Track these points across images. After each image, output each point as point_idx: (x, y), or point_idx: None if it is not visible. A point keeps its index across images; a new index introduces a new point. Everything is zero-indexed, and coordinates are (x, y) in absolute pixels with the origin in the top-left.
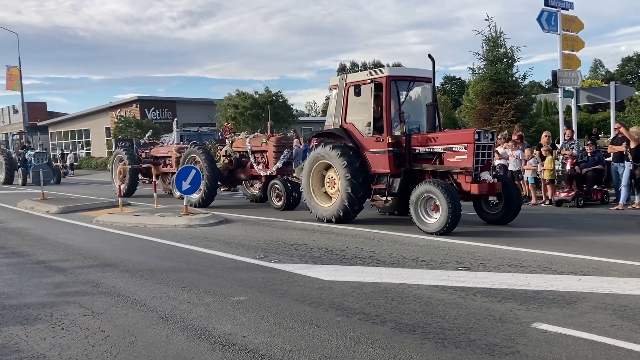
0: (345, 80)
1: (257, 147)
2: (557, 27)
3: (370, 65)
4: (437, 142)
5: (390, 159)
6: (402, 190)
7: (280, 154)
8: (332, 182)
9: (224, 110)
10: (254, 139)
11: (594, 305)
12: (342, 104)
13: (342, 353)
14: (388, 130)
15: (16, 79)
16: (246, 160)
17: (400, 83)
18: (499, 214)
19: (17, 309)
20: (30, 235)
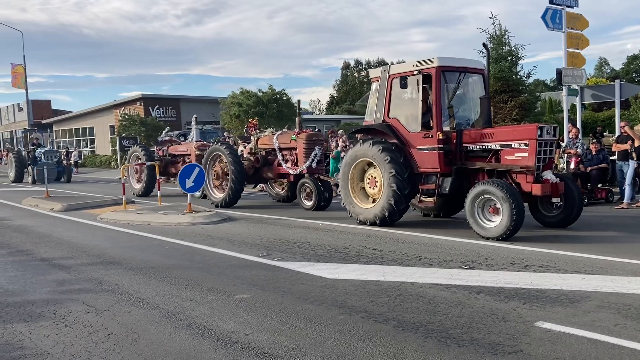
0: (389, 71)
1: (286, 144)
2: (562, 25)
3: (374, 63)
4: (494, 138)
5: (441, 157)
6: (454, 191)
7: (311, 152)
8: (373, 182)
9: (228, 108)
10: (282, 136)
11: (597, 305)
12: (384, 97)
13: (345, 351)
14: (438, 125)
15: (21, 76)
16: (273, 158)
17: (450, 74)
18: (559, 216)
19: (21, 306)
20: (34, 232)
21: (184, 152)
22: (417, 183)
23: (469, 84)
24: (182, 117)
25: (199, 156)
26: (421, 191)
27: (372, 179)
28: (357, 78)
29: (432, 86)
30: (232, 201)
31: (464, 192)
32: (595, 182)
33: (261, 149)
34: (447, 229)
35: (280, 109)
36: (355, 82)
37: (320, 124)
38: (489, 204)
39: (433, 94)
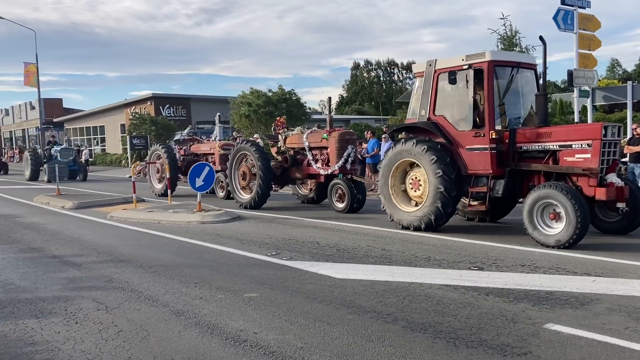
0: (435, 66)
1: (316, 143)
2: (574, 26)
3: (384, 63)
4: (552, 138)
5: (493, 158)
6: (507, 194)
7: (343, 151)
8: (417, 183)
9: (238, 108)
10: (313, 134)
11: (608, 307)
12: (430, 93)
13: (353, 351)
14: (490, 124)
15: (33, 75)
16: (302, 157)
17: (501, 69)
18: (621, 223)
19: (33, 303)
20: (46, 230)
21: (206, 151)
22: (465, 185)
23: (519, 80)
24: (192, 117)
25: (223, 156)
26: (470, 195)
27: (415, 181)
28: (367, 78)
29: (484, 82)
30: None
31: (516, 195)
32: None
33: (289, 148)
34: (457, 230)
35: (289, 109)
36: (365, 83)
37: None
38: (549, 209)
39: (485, 90)
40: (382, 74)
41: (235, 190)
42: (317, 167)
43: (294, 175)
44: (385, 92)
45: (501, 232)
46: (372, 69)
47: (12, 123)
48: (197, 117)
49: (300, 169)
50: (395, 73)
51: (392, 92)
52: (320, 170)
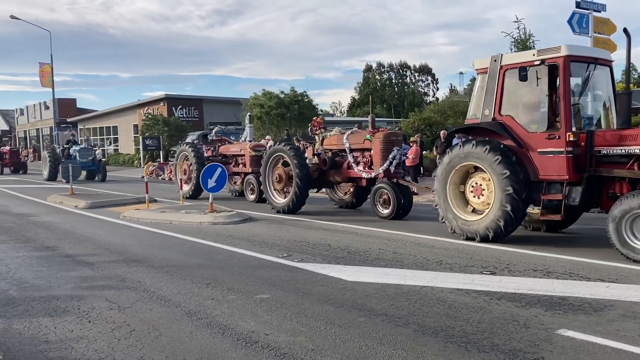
0: (501, 62)
1: (358, 144)
2: (589, 30)
3: (396, 66)
4: (638, 141)
5: (569, 162)
6: (584, 203)
7: (389, 153)
8: (479, 189)
9: (250, 109)
10: (354, 135)
11: (622, 314)
12: (495, 91)
13: (365, 354)
14: (567, 125)
15: (48, 75)
16: (341, 159)
17: (577, 65)
18: None
19: (46, 301)
20: (59, 229)
21: (236, 152)
22: (534, 192)
23: (594, 77)
24: (205, 118)
25: (254, 157)
26: (543, 203)
27: (477, 187)
28: (379, 80)
29: (560, 79)
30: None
31: (592, 204)
32: None
33: (327, 150)
34: None
35: (301, 111)
36: (377, 85)
37: (342, 126)
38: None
39: (561, 88)
40: (394, 77)
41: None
42: (359, 169)
43: (332, 179)
44: (397, 95)
45: (513, 236)
46: (385, 72)
47: (27, 123)
48: (210, 119)
49: (339, 171)
50: (408, 75)
51: (404, 95)
52: (362, 174)
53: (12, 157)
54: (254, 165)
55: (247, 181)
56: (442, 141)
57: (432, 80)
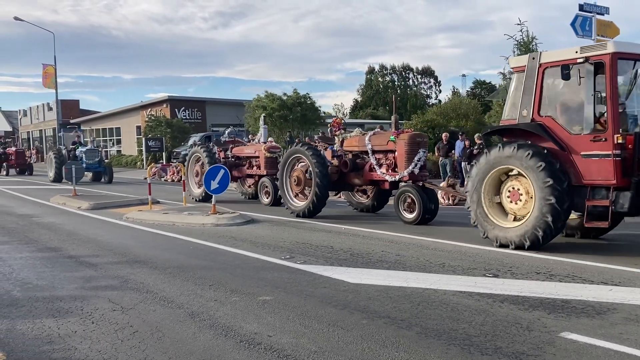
0: (540, 59)
1: (381, 145)
2: (592, 33)
3: (399, 68)
4: None
5: (617, 166)
6: (634, 210)
7: (414, 155)
8: (516, 195)
9: (253, 111)
10: (377, 136)
11: (625, 317)
12: (533, 91)
13: (368, 356)
14: (615, 126)
15: (51, 77)
16: (362, 161)
17: (624, 63)
18: None
19: (50, 302)
20: (62, 230)
21: (250, 154)
22: (576, 197)
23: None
24: (207, 119)
25: (270, 159)
26: (587, 209)
27: (514, 192)
28: (382, 83)
29: (607, 77)
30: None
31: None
32: None
33: (347, 151)
34: (471, 236)
35: (304, 113)
36: (379, 87)
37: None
38: None
39: (607, 88)
40: (397, 79)
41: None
42: (382, 172)
43: (352, 181)
44: (399, 97)
45: None
46: (387, 74)
47: (30, 124)
48: (212, 120)
49: (360, 174)
50: (410, 78)
51: (407, 97)
52: (386, 176)
53: (18, 158)
54: (269, 167)
55: (261, 184)
56: (444, 143)
57: (434, 83)
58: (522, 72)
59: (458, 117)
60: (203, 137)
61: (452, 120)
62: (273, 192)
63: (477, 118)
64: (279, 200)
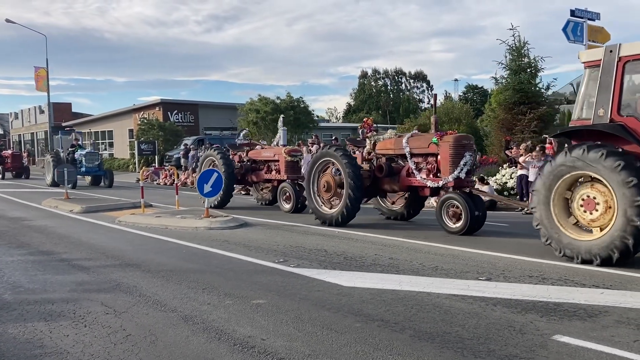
0: (619, 52)
1: (421, 148)
2: (583, 38)
3: (392, 72)
4: None
5: None
6: None
7: (459, 159)
8: (591, 203)
9: (246, 114)
10: (416, 139)
11: (616, 320)
12: (612, 87)
13: (361, 359)
14: None
15: (43, 80)
16: (398, 166)
17: None
18: None
19: (41, 305)
20: (55, 233)
21: (269, 157)
22: None
23: None
24: (200, 123)
25: (290, 163)
26: None
27: (588, 200)
28: (375, 87)
29: None
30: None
31: None
32: None
33: (380, 155)
34: (464, 240)
35: (297, 117)
36: (372, 91)
37: (337, 131)
38: None
39: None
40: (389, 83)
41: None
42: (422, 177)
43: (387, 187)
44: (392, 101)
45: (509, 242)
46: (380, 78)
47: (21, 127)
48: (205, 124)
49: (395, 179)
50: (403, 82)
51: (400, 101)
52: (427, 182)
53: (14, 162)
54: (290, 172)
55: (282, 189)
56: None
57: (427, 87)
58: (596, 67)
59: (450, 121)
60: (196, 140)
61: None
62: (294, 197)
63: (469, 122)
64: (300, 207)
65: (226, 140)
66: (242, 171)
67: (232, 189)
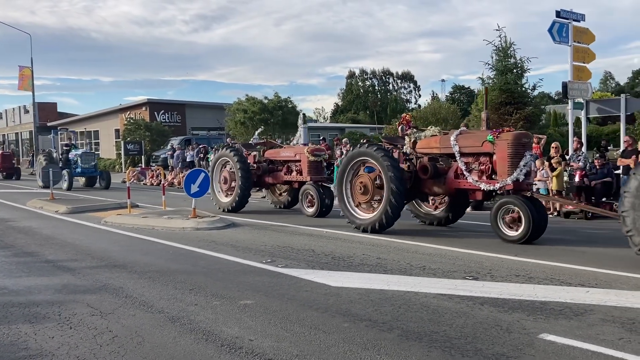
0: None
1: (474, 147)
2: (569, 39)
3: (379, 72)
4: None
5: None
6: None
7: (519, 159)
8: None
9: (233, 114)
10: (466, 136)
11: (601, 318)
12: None
13: (349, 359)
14: None
15: (28, 79)
16: (443, 166)
17: None
18: None
19: (26, 307)
20: (40, 234)
21: (289, 157)
22: None
23: None
24: (187, 123)
25: (314, 163)
26: None
27: None
28: (362, 87)
29: None
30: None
31: None
32: (600, 196)
33: (421, 154)
34: (451, 239)
35: (285, 117)
36: (360, 92)
37: (325, 132)
38: None
39: None
40: (377, 83)
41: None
42: (474, 179)
43: (430, 190)
44: (380, 101)
45: (495, 242)
46: (368, 78)
47: (6, 126)
48: (192, 123)
49: (441, 181)
50: (390, 82)
51: (387, 101)
52: (480, 185)
53: (5, 162)
54: (314, 173)
55: (304, 192)
56: None
57: (414, 87)
58: None
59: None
60: (183, 140)
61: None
62: (319, 201)
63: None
64: (325, 211)
65: (213, 140)
66: (259, 172)
67: (249, 193)
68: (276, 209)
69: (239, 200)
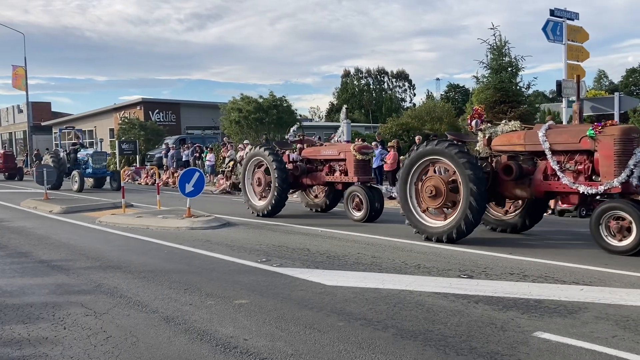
0: None
1: (568, 144)
2: (563, 38)
3: (374, 71)
4: None
5: None
6: None
7: (627, 158)
8: None
9: (228, 114)
10: (558, 131)
11: (595, 316)
12: None
13: (344, 358)
14: None
15: (22, 78)
16: (527, 166)
17: None
18: None
19: (20, 308)
20: (33, 234)
21: (332, 156)
22: None
23: None
24: (182, 122)
25: (361, 162)
26: None
27: None
28: (357, 86)
29: None
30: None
31: None
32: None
33: (498, 152)
34: None
35: (280, 116)
36: (355, 90)
37: (320, 130)
38: None
39: None
40: (372, 82)
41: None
42: (569, 181)
43: (511, 192)
44: (375, 100)
45: (490, 240)
46: (363, 77)
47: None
48: (187, 123)
49: (525, 182)
50: (385, 81)
51: (382, 100)
52: (579, 187)
53: (7, 162)
54: (361, 173)
55: (350, 194)
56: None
57: (409, 86)
58: None
59: (432, 120)
60: (177, 139)
61: (426, 123)
62: (368, 204)
63: (451, 121)
64: (374, 215)
65: (208, 139)
66: (297, 173)
67: (287, 196)
68: (311, 212)
69: (275, 204)
